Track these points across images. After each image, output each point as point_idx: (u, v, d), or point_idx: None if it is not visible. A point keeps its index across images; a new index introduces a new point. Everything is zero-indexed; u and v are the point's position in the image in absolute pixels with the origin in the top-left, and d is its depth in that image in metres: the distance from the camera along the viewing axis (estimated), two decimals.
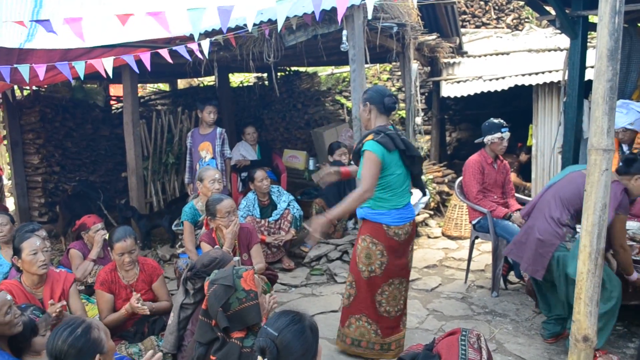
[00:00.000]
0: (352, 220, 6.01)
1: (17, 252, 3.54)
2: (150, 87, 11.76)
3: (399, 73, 9.95)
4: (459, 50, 8.38)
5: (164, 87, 11.78)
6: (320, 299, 5.02)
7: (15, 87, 7.56)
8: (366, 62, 5.54)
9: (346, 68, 10.28)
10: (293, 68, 9.42)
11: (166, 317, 3.97)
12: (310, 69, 9.90)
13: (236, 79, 11.44)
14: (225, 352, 2.60)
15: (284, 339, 2.02)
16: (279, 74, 9.41)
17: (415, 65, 7.26)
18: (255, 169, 5.78)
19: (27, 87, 7.72)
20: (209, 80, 10.43)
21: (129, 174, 6.64)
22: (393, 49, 6.51)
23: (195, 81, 11.83)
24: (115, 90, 10.10)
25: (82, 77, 4.71)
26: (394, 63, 9.30)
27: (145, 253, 6.28)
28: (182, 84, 11.43)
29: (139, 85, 9.08)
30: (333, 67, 10.62)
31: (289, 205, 5.80)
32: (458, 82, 8.09)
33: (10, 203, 8.81)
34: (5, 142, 8.02)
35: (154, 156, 7.35)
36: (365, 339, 3.68)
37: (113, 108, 9.28)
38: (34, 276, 3.58)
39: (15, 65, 4.49)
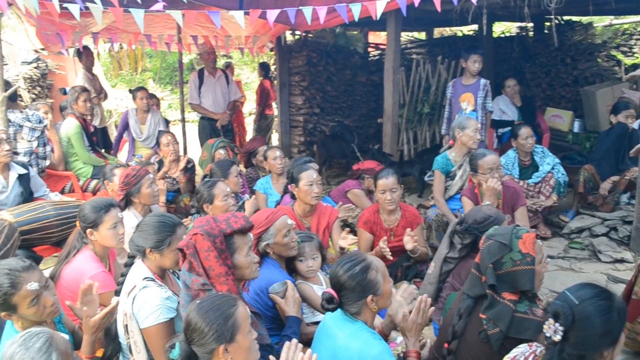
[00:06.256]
0: (627, 194, 5.27)
1: (295, 180, 3.81)
2: (405, 36, 11.76)
3: None
4: None
5: (419, 35, 11.67)
6: (581, 276, 4.55)
7: (288, 32, 8.17)
8: None
9: (629, 19, 8.92)
10: (565, 17, 8.48)
11: (420, 265, 3.99)
12: (585, 19, 8.80)
13: (496, 29, 10.76)
14: (497, 312, 2.45)
15: (584, 311, 1.84)
16: (546, 24, 8.58)
17: None
18: (519, 126, 5.36)
19: (298, 33, 8.29)
20: (468, 29, 10.00)
21: (385, 121, 6.73)
22: None
23: (447, 31, 11.47)
24: (374, 37, 10.32)
25: (356, 19, 4.82)
26: None
27: None
28: (434, 33, 11.18)
29: None
30: (612, 17, 9.30)
31: (553, 168, 5.28)
32: None
33: (274, 139, 9.76)
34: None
35: (410, 105, 7.33)
36: None
37: (370, 55, 9.49)
38: (306, 205, 3.85)
39: (300, 8, 4.77)
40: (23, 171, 4.18)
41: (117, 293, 2.68)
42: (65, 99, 6.42)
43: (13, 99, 5.18)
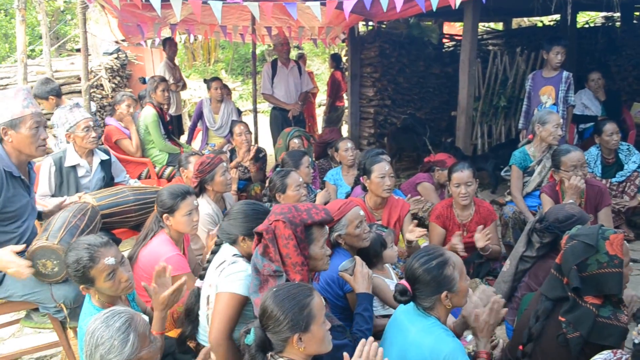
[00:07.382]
0: None
1: (367, 172, 3.78)
2: (481, 27, 11.42)
3: None
4: None
5: (495, 26, 11.30)
6: None
7: (361, 23, 8.10)
8: None
9: None
10: None
11: (493, 263, 3.86)
12: None
13: (579, 19, 10.25)
14: (578, 315, 2.33)
15: None
16: (635, 13, 8.09)
17: None
18: (604, 121, 5.08)
19: (371, 23, 8.20)
20: (549, 19, 9.57)
21: (459, 114, 6.54)
22: None
23: (525, 21, 11.04)
24: (448, 28, 10.07)
25: (434, 9, 4.69)
26: None
27: None
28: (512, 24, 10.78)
29: None
30: None
31: (639, 167, 4.98)
32: None
33: (343, 131, 9.73)
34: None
35: (485, 98, 7.11)
36: None
37: (445, 46, 9.27)
38: (378, 198, 3.81)
39: None
40: (105, 157, 4.36)
41: (202, 278, 2.74)
42: (144, 88, 6.65)
43: (59, 95, 5.32)
